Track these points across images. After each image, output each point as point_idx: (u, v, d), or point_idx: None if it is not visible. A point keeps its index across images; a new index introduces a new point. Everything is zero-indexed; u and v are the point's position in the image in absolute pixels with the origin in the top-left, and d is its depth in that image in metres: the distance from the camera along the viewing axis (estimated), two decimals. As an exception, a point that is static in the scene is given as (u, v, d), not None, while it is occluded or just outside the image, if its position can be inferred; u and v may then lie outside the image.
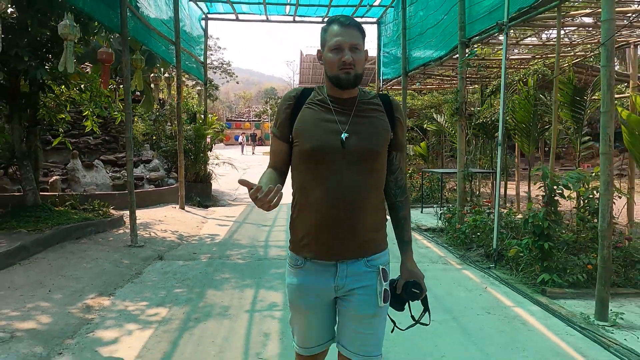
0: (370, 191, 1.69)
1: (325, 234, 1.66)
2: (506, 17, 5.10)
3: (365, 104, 1.74)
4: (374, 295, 1.69)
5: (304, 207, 1.71)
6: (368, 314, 1.69)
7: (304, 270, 1.73)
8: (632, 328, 3.55)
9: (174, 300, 4.23)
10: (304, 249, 1.71)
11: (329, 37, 1.68)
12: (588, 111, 7.11)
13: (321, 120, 1.69)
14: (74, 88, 7.30)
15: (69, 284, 4.55)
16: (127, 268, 5.26)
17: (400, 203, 1.82)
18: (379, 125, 1.72)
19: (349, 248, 1.67)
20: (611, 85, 3.57)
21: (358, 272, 1.70)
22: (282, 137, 1.76)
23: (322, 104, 1.72)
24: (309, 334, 1.80)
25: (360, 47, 1.67)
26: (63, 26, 4.62)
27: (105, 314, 3.91)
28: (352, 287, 1.70)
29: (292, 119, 1.73)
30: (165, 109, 12.54)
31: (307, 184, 1.69)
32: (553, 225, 4.52)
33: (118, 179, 9.66)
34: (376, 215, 1.72)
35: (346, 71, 1.64)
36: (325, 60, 1.70)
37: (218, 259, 5.75)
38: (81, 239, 6.27)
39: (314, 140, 1.66)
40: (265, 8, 10.72)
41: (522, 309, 4.03)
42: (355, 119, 1.69)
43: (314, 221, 1.67)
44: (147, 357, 3.10)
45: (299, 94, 1.77)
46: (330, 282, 1.70)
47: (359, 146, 1.65)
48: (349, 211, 1.64)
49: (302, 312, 1.78)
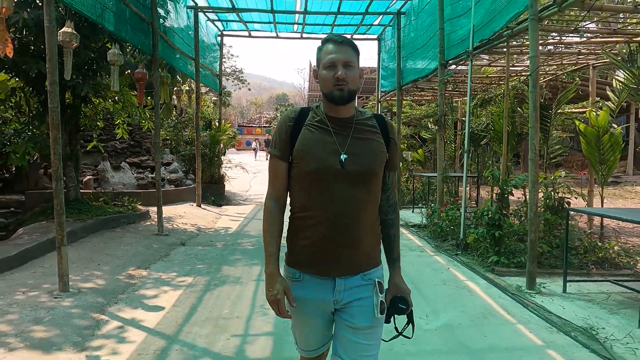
0: (367, 210, 1.73)
1: (325, 252, 1.70)
2: (471, 46, 6.17)
3: (362, 124, 1.78)
4: (371, 307, 1.73)
5: (302, 225, 1.75)
6: (365, 326, 1.73)
7: (302, 283, 1.76)
8: (550, 295, 4.57)
9: (197, 272, 5.34)
10: (302, 265, 1.76)
11: (323, 55, 1.73)
12: (554, 123, 8.12)
13: (321, 141, 1.72)
14: (109, 100, 8.49)
15: (113, 260, 5.68)
16: (156, 251, 6.38)
17: (391, 220, 1.87)
18: (375, 147, 1.76)
19: (347, 265, 1.72)
20: (537, 107, 4.62)
21: (355, 286, 1.74)
22: (283, 158, 1.78)
23: (320, 125, 1.75)
24: (311, 337, 1.85)
25: (353, 64, 1.71)
26: (112, 54, 5.80)
27: (145, 280, 5.03)
28: (349, 300, 1.74)
29: (292, 140, 1.75)
30: (183, 117, 13.75)
31: (306, 203, 1.73)
32: (504, 218, 5.56)
33: (142, 179, 10.84)
34: (373, 233, 1.78)
35: (339, 87, 1.68)
36: (320, 77, 1.74)
37: (231, 245, 6.86)
38: (116, 228, 7.42)
39: (315, 161, 1.69)
40: (275, 27, 11.90)
41: (472, 282, 5.07)
42: (353, 140, 1.73)
43: (313, 239, 1.71)
44: (180, 306, 4.21)
45: (297, 114, 1.80)
46: (329, 296, 1.74)
47: (357, 167, 1.69)
48: (347, 230, 1.68)
49: (301, 322, 1.83)
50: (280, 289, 1.70)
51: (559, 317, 3.96)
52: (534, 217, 4.67)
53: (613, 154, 7.03)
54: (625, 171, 21.31)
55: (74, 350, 3.25)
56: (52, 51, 4.17)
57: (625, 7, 5.17)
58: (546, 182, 6.70)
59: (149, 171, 11.40)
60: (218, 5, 10.31)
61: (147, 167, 11.62)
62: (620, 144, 7.03)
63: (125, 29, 6.21)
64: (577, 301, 4.40)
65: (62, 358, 3.11)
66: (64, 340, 3.37)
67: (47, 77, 4.24)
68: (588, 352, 3.32)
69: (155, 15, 7.15)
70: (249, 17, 11.21)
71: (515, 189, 5.73)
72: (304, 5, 10.09)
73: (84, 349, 3.30)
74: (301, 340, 1.88)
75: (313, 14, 10.59)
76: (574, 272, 5.25)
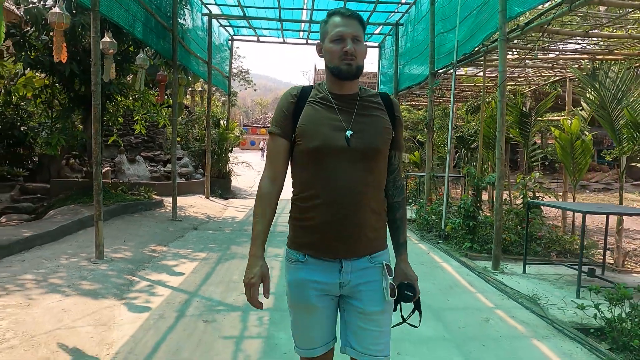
0: (372, 189, 1.67)
1: (329, 232, 1.64)
2: (455, 59, 6.98)
3: (367, 101, 1.73)
4: (380, 291, 1.68)
5: (306, 206, 1.68)
6: (376, 311, 1.67)
7: (307, 265, 1.69)
8: (511, 274, 5.37)
9: (209, 250, 6.16)
10: (306, 247, 1.69)
11: (330, 28, 1.67)
12: (534, 129, 8.92)
13: (325, 118, 1.67)
14: (130, 98, 9.34)
15: (135, 238, 6.51)
16: (172, 233, 7.20)
17: (398, 204, 1.81)
18: (381, 124, 1.70)
19: (352, 246, 1.66)
20: (503, 114, 5.42)
21: (362, 268, 1.68)
22: (285, 135, 1.71)
23: (324, 101, 1.70)
24: (312, 333, 1.73)
25: (361, 38, 1.66)
26: (140, 59, 6.65)
27: (165, 254, 5.85)
28: (357, 283, 1.68)
29: (294, 118, 1.69)
30: (192, 115, 14.59)
31: (309, 183, 1.67)
32: (477, 210, 6.36)
33: (155, 172, 11.68)
34: (378, 214, 1.71)
35: (347, 62, 1.63)
36: (326, 51, 1.68)
37: (238, 231, 7.68)
38: (134, 213, 8.25)
39: (319, 139, 1.63)
40: (282, 33, 12.74)
41: (446, 263, 5.88)
42: (358, 117, 1.68)
43: (316, 220, 1.65)
44: (197, 273, 5.03)
45: (299, 92, 1.74)
46: (335, 278, 1.67)
47: (363, 144, 1.64)
48: (352, 210, 1.62)
49: (305, 309, 1.71)
50: (258, 273, 1.63)
51: (512, 289, 4.76)
52: (499, 207, 5.47)
53: (584, 158, 7.80)
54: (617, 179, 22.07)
55: (115, 298, 4.07)
56: (97, 57, 4.99)
57: (577, 32, 5.96)
58: (522, 182, 7.51)
59: (162, 164, 12.24)
60: (230, 13, 11.15)
61: (160, 161, 12.47)
62: (590, 150, 7.80)
63: (151, 36, 7.05)
64: (532, 279, 5.20)
65: (107, 303, 3.93)
66: (106, 291, 4.19)
67: (91, 78, 5.02)
68: (528, 312, 4.12)
69: (176, 24, 7.99)
70: (258, 23, 12.05)
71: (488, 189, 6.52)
72: (310, 15, 10.92)
73: (122, 298, 4.12)
74: (302, 336, 1.75)
75: (317, 22, 11.42)
76: (537, 259, 6.05)
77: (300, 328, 1.75)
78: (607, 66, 6.38)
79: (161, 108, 9.93)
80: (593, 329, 3.70)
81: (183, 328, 3.51)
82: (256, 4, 10.55)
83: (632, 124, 5.91)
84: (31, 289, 4.02)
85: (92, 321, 3.49)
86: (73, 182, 9.88)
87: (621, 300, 3.62)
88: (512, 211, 6.95)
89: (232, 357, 3.08)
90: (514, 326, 3.83)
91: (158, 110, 9.76)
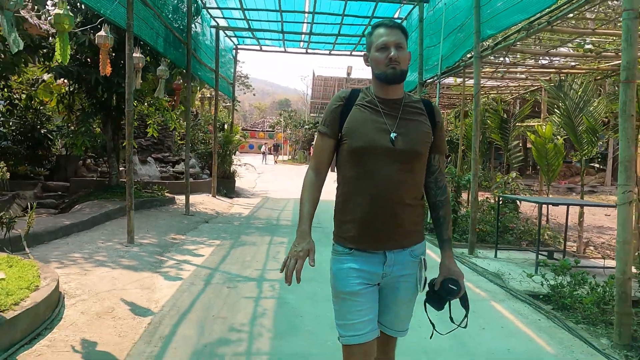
0: (412, 187, 1.80)
1: (373, 226, 1.77)
2: (439, 71, 7.89)
3: (410, 107, 1.85)
4: (415, 282, 1.85)
5: (350, 202, 1.80)
6: (409, 299, 1.88)
7: (353, 257, 1.81)
8: (484, 258, 6.24)
9: (222, 238, 7.02)
10: (351, 241, 1.81)
11: (375, 38, 1.80)
12: (513, 133, 9.84)
13: (371, 120, 1.79)
14: (145, 103, 10.21)
15: (156, 228, 7.36)
16: (187, 225, 8.06)
17: (440, 202, 1.93)
18: (422, 129, 1.82)
19: (394, 239, 1.79)
20: (478, 121, 6.32)
21: (403, 261, 1.82)
22: (332, 135, 1.85)
23: (371, 105, 1.82)
24: (358, 319, 1.79)
25: (404, 46, 1.78)
26: (160, 70, 7.53)
27: (184, 241, 6.71)
28: (398, 275, 1.83)
29: (342, 119, 1.83)
30: (198, 119, 15.47)
31: (354, 180, 1.79)
32: (458, 205, 7.25)
33: (165, 172, 12.54)
34: (417, 209, 1.84)
35: (392, 67, 1.75)
36: (373, 59, 1.81)
37: (245, 224, 8.55)
38: (150, 208, 9.10)
39: (365, 139, 1.76)
40: (284, 43, 13.66)
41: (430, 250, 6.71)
42: (401, 121, 1.80)
43: (361, 214, 1.77)
44: (215, 255, 5.89)
45: (347, 95, 1.87)
46: (379, 269, 1.80)
47: (405, 146, 1.76)
48: (394, 205, 1.76)
49: (349, 295, 1.79)
50: (306, 247, 1.75)
51: (483, 268, 5.64)
52: (474, 201, 6.36)
53: (557, 160, 8.72)
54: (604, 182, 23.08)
55: (151, 272, 4.93)
56: (130, 70, 5.85)
57: (539, 51, 6.87)
58: (501, 181, 8.43)
59: (171, 165, 13.10)
60: (236, 25, 12.06)
61: (169, 162, 13.33)
62: (562, 152, 8.72)
63: (169, 49, 7.93)
64: (502, 262, 6.08)
65: (146, 274, 4.79)
66: (143, 267, 5.05)
67: (125, 89, 5.88)
68: (492, 284, 5.00)
69: (190, 39, 8.87)
70: (261, 34, 12.96)
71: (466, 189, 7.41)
72: (310, 27, 11.84)
73: (157, 271, 4.98)
74: (349, 322, 1.79)
75: (317, 34, 12.35)
76: (509, 247, 6.94)
77: (345, 316, 1.80)
78: (571, 79, 7.29)
79: (173, 113, 10.80)
80: (542, 295, 4.58)
81: (211, 291, 4.38)
82: (260, 17, 11.45)
83: (591, 130, 6.82)
84: (82, 263, 4.88)
85: (138, 286, 4.36)
86: (91, 180, 10.74)
87: (563, 271, 4.51)
88: (488, 205, 7.85)
89: (252, 311, 3.94)
90: (479, 293, 4.71)
91: (170, 114, 10.64)
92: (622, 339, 3.43)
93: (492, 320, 3.96)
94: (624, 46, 3.42)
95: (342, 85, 29.06)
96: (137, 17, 6.15)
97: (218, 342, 3.26)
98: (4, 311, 2.87)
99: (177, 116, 11.21)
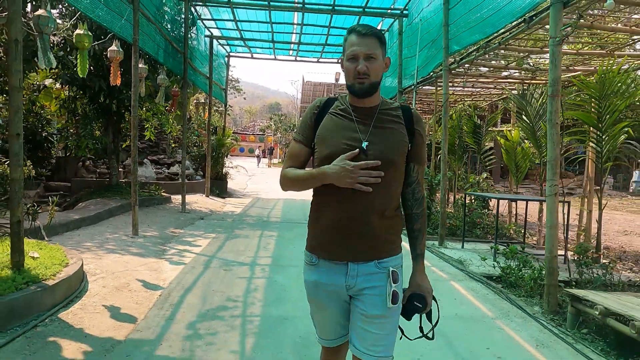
0: (384, 198, 1.72)
1: (337, 235, 1.73)
2: (415, 81, 8.67)
3: (386, 114, 1.80)
4: (383, 296, 1.72)
5: (319, 210, 1.80)
6: (377, 315, 1.72)
7: (318, 268, 1.80)
8: (452, 249, 7.01)
9: (217, 232, 7.71)
10: (317, 249, 1.81)
11: (347, 46, 1.76)
12: (486, 137, 10.65)
13: (342, 128, 1.77)
14: (143, 108, 10.88)
15: (156, 224, 8.03)
16: (184, 221, 8.74)
17: (416, 215, 1.86)
18: (397, 137, 1.77)
19: (359, 251, 1.73)
20: (446, 126, 7.09)
21: (368, 273, 1.74)
22: (306, 142, 1.85)
23: (344, 113, 1.80)
24: (327, 325, 1.86)
25: (376, 55, 1.72)
26: (161, 79, 8.21)
27: (183, 234, 7.40)
28: (363, 287, 1.74)
29: (315, 126, 1.82)
30: (192, 123, 16.12)
31: (322, 189, 1.76)
32: (432, 202, 8.02)
33: (160, 173, 13.18)
34: (390, 220, 1.77)
35: (360, 81, 1.72)
36: (344, 68, 1.77)
37: (238, 221, 9.25)
38: (149, 206, 9.76)
39: (333, 147, 1.73)
40: (274, 51, 14.39)
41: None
42: (375, 129, 1.75)
43: (327, 223, 1.75)
44: (212, 245, 6.58)
45: (323, 103, 1.87)
46: (342, 280, 1.75)
47: (377, 155, 1.70)
48: (358, 215, 1.70)
49: (318, 307, 1.85)
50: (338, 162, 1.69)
51: (449, 256, 6.40)
52: (443, 197, 7.13)
53: (524, 162, 9.52)
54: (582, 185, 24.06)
55: (156, 258, 5.62)
56: (136, 79, 6.54)
57: (499, 65, 7.68)
58: (473, 181, 9.23)
59: (165, 167, 13.73)
60: (229, 34, 12.78)
61: (164, 163, 13.97)
62: (529, 155, 9.54)
63: (169, 60, 8.62)
64: (467, 252, 6.84)
65: (152, 260, 5.47)
66: (148, 254, 5.74)
67: (127, 96, 6.57)
68: (454, 268, 5.76)
69: (187, 49, 9.57)
70: (252, 42, 13.68)
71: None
72: (299, 37, 12.59)
73: (161, 258, 5.67)
74: (319, 328, 1.90)
75: (305, 44, 13.11)
76: (477, 239, 7.72)
77: (316, 320, 1.91)
78: (532, 89, 8.11)
79: (169, 117, 11.47)
80: (495, 276, 5.35)
81: (210, 273, 5.08)
82: (252, 27, 12.18)
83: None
84: (95, 250, 5.55)
85: (147, 268, 5.05)
86: (91, 181, 11.36)
87: (512, 255, 5.28)
88: (460, 203, 8.62)
89: (246, 287, 4.65)
90: (441, 275, 5.47)
91: (167, 118, 11.32)
92: (550, 306, 4.20)
93: (448, 294, 4.71)
94: (550, 67, 4.21)
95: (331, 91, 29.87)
96: (141, 32, 6.83)
97: (218, 308, 3.97)
98: (46, 279, 3.56)
99: (172, 120, 11.88)
